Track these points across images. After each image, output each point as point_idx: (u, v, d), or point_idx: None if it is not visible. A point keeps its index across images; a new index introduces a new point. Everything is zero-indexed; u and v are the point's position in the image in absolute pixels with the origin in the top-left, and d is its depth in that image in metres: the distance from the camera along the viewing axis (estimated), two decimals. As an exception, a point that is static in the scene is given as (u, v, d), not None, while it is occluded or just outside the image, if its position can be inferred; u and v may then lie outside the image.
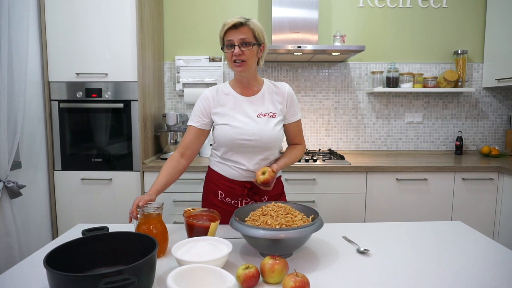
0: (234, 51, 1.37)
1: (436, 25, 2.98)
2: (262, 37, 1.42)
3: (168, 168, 1.42)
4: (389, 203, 2.45)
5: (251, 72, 1.45)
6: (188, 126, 1.51)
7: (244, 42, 1.37)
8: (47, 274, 0.80)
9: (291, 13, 2.65)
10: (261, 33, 1.41)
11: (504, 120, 3.05)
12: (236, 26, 1.36)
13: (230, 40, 1.37)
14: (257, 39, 1.40)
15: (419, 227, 1.41)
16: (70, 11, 2.36)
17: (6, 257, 1.91)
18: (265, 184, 1.37)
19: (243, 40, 1.37)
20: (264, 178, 1.35)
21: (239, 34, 1.36)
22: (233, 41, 1.37)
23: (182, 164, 1.47)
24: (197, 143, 1.50)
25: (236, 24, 1.36)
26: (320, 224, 1.10)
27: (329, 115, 3.05)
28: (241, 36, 1.36)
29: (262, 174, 1.36)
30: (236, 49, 1.36)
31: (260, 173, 1.37)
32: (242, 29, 1.36)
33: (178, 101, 3.01)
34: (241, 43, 1.37)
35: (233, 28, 1.37)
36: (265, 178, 1.35)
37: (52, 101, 2.43)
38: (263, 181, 1.36)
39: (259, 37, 1.41)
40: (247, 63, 1.39)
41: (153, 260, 0.88)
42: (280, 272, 0.93)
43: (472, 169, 2.43)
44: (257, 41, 1.40)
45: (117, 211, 2.47)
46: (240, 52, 1.36)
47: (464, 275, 1.01)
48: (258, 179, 1.36)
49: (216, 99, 1.48)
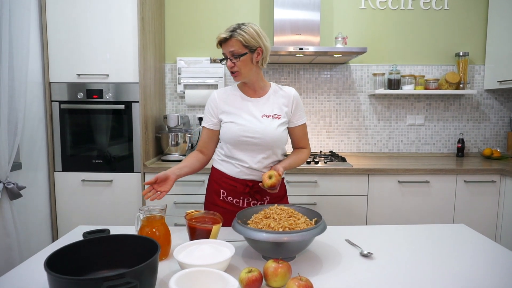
0: (227, 63, 1.44)
1: (438, 27, 2.98)
2: (255, 41, 1.41)
3: (189, 157, 1.54)
4: (391, 205, 2.44)
5: (250, 77, 1.49)
6: (201, 128, 1.60)
7: (233, 54, 1.42)
8: (48, 277, 0.79)
9: (293, 14, 2.65)
10: (252, 39, 1.41)
11: (506, 122, 3.05)
12: (224, 41, 1.42)
13: (223, 53, 1.45)
14: (248, 47, 1.41)
15: (422, 230, 1.40)
16: (71, 12, 2.36)
17: (6, 259, 1.90)
18: (272, 188, 1.38)
19: (232, 52, 1.42)
20: (272, 182, 1.36)
21: (228, 47, 1.42)
22: (225, 54, 1.44)
23: (201, 157, 1.56)
24: (212, 142, 1.58)
25: (221, 40, 1.42)
26: (323, 227, 1.09)
27: (331, 117, 3.04)
28: (230, 49, 1.42)
29: (269, 178, 1.37)
30: (228, 62, 1.44)
31: (267, 177, 1.37)
32: (229, 42, 1.41)
33: (179, 103, 3.00)
34: (231, 56, 1.43)
35: (223, 42, 1.42)
36: (272, 182, 1.36)
37: (53, 102, 2.43)
38: (270, 185, 1.36)
39: (251, 44, 1.41)
40: (240, 72, 1.45)
41: (155, 263, 0.87)
42: (284, 276, 0.92)
43: (474, 172, 2.42)
44: (248, 48, 1.41)
45: (118, 212, 2.46)
46: (232, 65, 1.43)
47: (468, 278, 1.00)
48: (266, 183, 1.37)
49: (223, 99, 1.53)
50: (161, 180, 1.33)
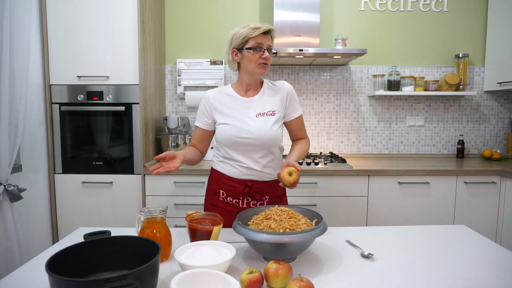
0: (264, 54, 1.45)
1: (437, 28, 2.99)
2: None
3: (187, 149, 1.57)
4: (391, 206, 2.44)
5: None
6: (195, 127, 1.61)
7: (270, 48, 1.49)
8: (49, 279, 0.79)
9: (293, 16, 2.65)
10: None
11: (506, 123, 3.05)
12: (267, 32, 1.46)
13: (261, 43, 1.45)
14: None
15: (422, 231, 1.40)
16: (71, 14, 2.36)
17: (6, 261, 1.90)
18: (294, 185, 1.32)
19: (270, 46, 1.48)
20: (294, 179, 1.29)
21: (268, 40, 1.48)
22: (263, 45, 1.46)
23: (198, 151, 1.59)
24: (205, 141, 1.61)
25: (269, 30, 1.46)
26: (324, 228, 1.09)
27: (331, 118, 3.04)
28: (269, 42, 1.48)
29: (289, 175, 1.29)
30: (267, 53, 1.46)
31: (287, 174, 1.29)
32: (269, 37, 1.48)
33: (179, 104, 3.01)
34: (269, 48, 1.47)
35: (264, 33, 1.45)
36: (294, 178, 1.29)
37: (53, 103, 2.43)
38: (292, 182, 1.29)
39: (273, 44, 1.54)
40: (268, 66, 1.50)
41: (156, 264, 0.87)
42: (285, 277, 0.92)
43: (474, 173, 2.43)
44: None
45: (118, 214, 2.46)
46: (269, 57, 1.47)
47: (468, 279, 1.00)
48: (287, 181, 1.29)
49: (217, 99, 1.54)
50: (169, 157, 1.34)
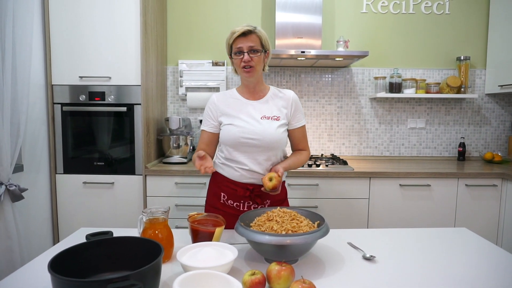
0: (244, 57, 1.44)
1: (439, 31, 2.99)
2: (267, 44, 1.51)
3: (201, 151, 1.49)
4: (392, 208, 2.44)
5: (257, 77, 1.52)
6: (201, 131, 1.59)
7: (253, 49, 1.45)
8: (52, 279, 0.79)
9: (295, 18, 2.66)
10: (266, 41, 1.50)
11: (507, 126, 3.05)
12: (245, 34, 1.44)
13: (240, 47, 1.45)
14: (264, 46, 1.48)
15: (424, 234, 1.40)
16: (74, 14, 2.37)
17: (7, 260, 1.90)
18: (274, 190, 1.39)
19: (252, 47, 1.44)
20: (273, 184, 1.37)
21: (248, 42, 1.44)
22: (242, 48, 1.44)
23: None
24: (212, 145, 1.58)
25: (245, 32, 1.44)
26: (326, 230, 1.09)
27: (332, 120, 3.04)
28: (250, 43, 1.44)
29: (269, 180, 1.38)
30: (246, 56, 1.44)
31: (267, 180, 1.38)
32: (250, 37, 1.44)
33: (180, 105, 3.01)
34: (249, 50, 1.44)
35: (242, 36, 1.44)
36: (273, 184, 1.37)
37: (55, 104, 2.43)
38: (272, 187, 1.37)
39: (265, 45, 1.49)
40: (255, 68, 1.47)
41: (159, 265, 0.87)
42: (287, 279, 0.92)
43: (475, 175, 2.42)
44: (263, 48, 1.48)
45: (119, 215, 2.46)
46: (249, 59, 1.44)
47: (469, 281, 1.00)
48: (267, 186, 1.37)
49: (223, 101, 1.55)
50: (202, 157, 1.36)
